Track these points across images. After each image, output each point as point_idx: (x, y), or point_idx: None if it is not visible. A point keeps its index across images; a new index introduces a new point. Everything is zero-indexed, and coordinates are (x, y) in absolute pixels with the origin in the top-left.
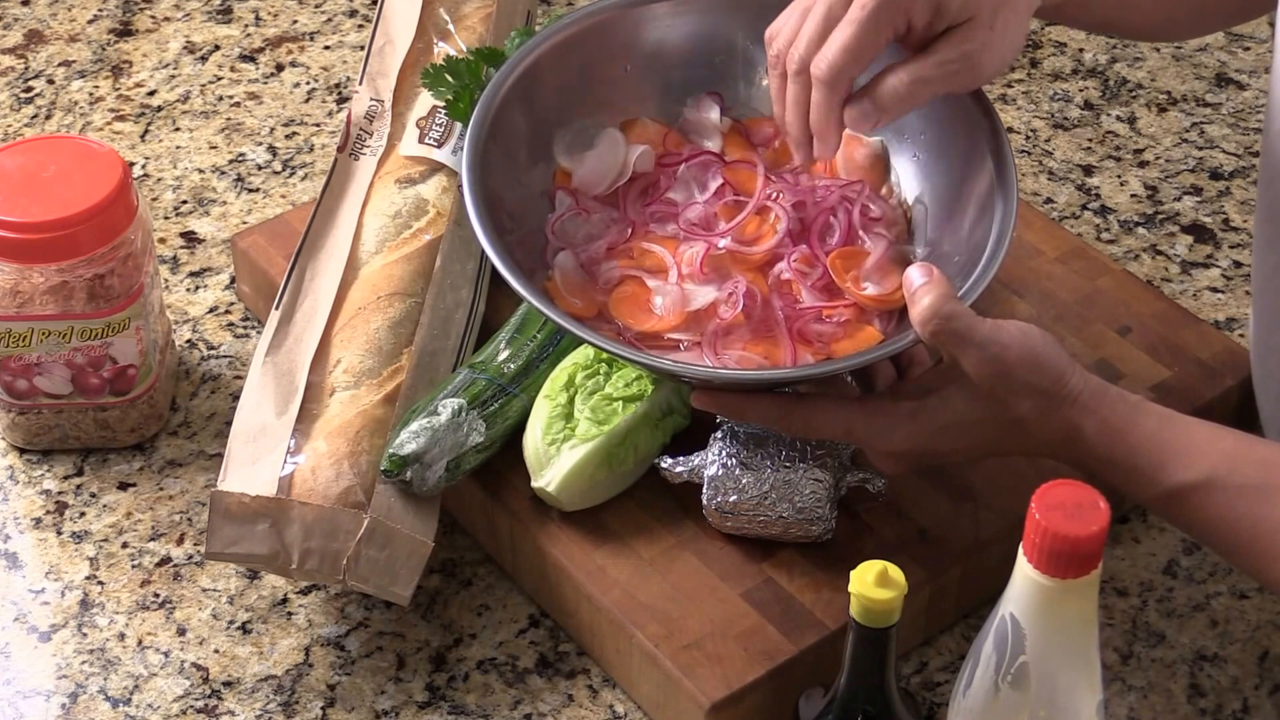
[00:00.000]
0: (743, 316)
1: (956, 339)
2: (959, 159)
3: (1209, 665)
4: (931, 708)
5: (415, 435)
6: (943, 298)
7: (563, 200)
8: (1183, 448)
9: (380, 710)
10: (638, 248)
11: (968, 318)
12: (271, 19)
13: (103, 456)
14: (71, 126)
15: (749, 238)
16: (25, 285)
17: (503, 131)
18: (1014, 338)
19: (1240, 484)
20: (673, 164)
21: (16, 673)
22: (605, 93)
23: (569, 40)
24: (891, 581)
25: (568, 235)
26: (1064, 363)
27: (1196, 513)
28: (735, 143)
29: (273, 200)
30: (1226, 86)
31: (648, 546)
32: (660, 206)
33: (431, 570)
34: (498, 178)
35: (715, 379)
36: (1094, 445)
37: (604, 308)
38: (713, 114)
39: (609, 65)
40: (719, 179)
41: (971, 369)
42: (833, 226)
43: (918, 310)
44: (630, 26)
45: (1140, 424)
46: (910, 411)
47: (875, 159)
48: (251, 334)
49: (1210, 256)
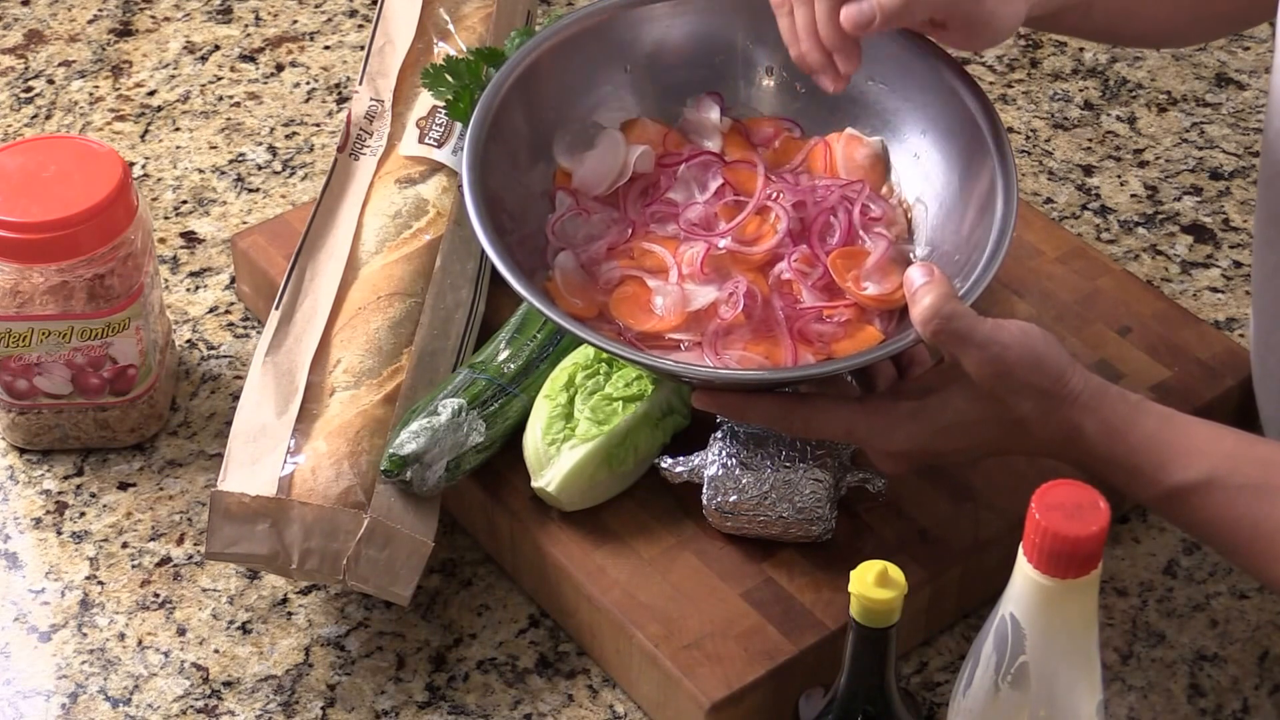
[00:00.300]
0: (743, 316)
1: (957, 339)
2: (959, 158)
3: (1209, 665)
4: (931, 708)
5: (415, 435)
6: (943, 297)
7: (563, 200)
8: (1183, 447)
9: (380, 710)
10: (638, 248)
11: (969, 317)
12: (271, 19)
13: (103, 456)
14: (71, 126)
15: (749, 238)
16: (25, 285)
17: (503, 132)
18: (1014, 337)
19: (1240, 484)
20: (673, 164)
21: (16, 673)
22: (605, 93)
23: (569, 40)
24: (891, 581)
25: (568, 235)
26: (1064, 362)
27: (1197, 512)
28: (735, 143)
29: (273, 200)
30: (1226, 86)
31: (648, 546)
32: (660, 207)
33: (431, 570)
34: (498, 178)
35: (715, 379)
36: (1094, 445)
37: (604, 308)
38: (713, 114)
39: (609, 65)
40: (719, 179)
41: (972, 369)
42: (833, 226)
43: (918, 310)
44: (630, 27)
45: (1141, 423)
46: (911, 411)
47: (875, 159)
48: (251, 334)
49: (1210, 256)
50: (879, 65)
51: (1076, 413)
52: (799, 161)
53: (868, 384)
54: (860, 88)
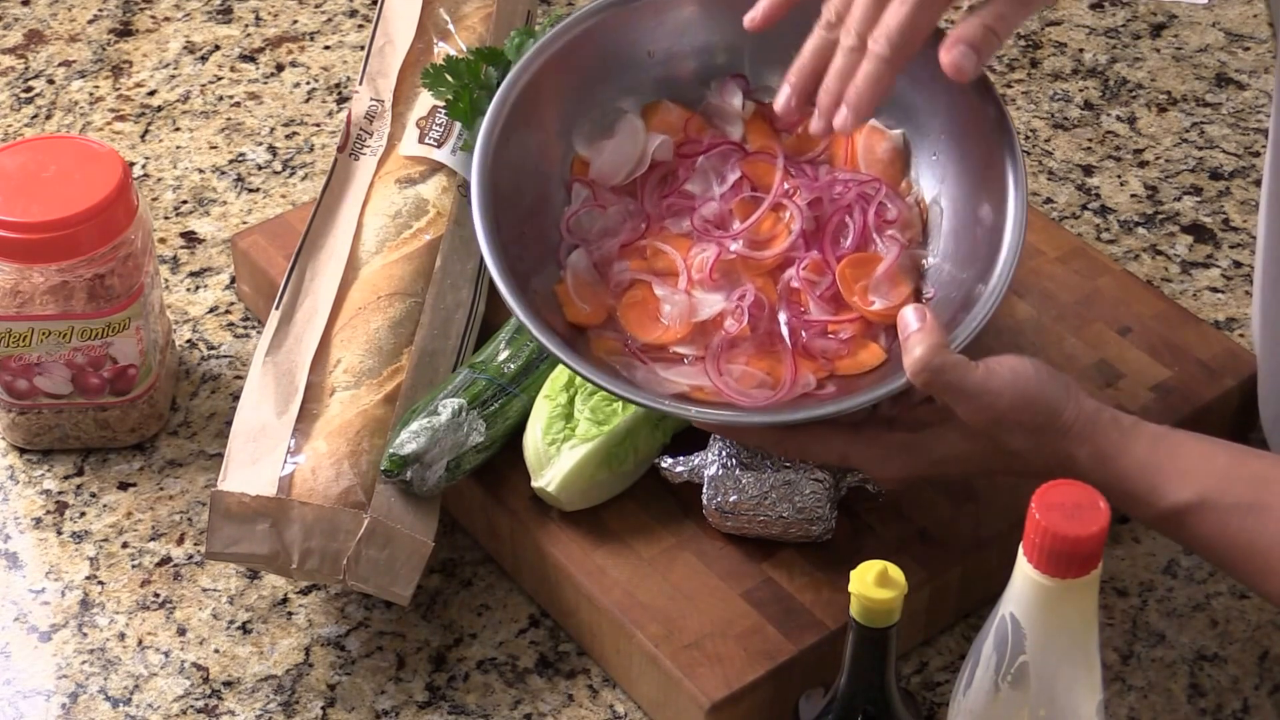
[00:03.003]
0: (748, 329)
1: (949, 389)
2: (974, 172)
3: (1209, 665)
4: (931, 708)
5: (415, 435)
6: (934, 349)
7: (579, 193)
8: (1174, 470)
9: (380, 710)
10: (651, 246)
11: (959, 369)
12: (271, 19)
13: (103, 456)
14: (71, 126)
15: (763, 238)
16: (25, 285)
17: (524, 119)
18: (1005, 383)
19: (1232, 503)
20: (692, 154)
21: (16, 673)
22: (628, 77)
23: (595, 28)
24: (891, 581)
25: (583, 230)
26: (1058, 398)
27: (1192, 532)
28: (757, 128)
29: (273, 200)
30: (1226, 86)
31: (648, 546)
32: (677, 199)
33: (431, 570)
34: (512, 172)
35: (706, 420)
36: (1088, 472)
37: (613, 313)
38: (735, 100)
39: (633, 50)
40: (737, 171)
41: (964, 416)
42: (847, 227)
43: (910, 360)
44: (654, 10)
45: (1131, 449)
46: (904, 444)
47: (895, 153)
48: (251, 334)
49: (1210, 256)
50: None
51: (1069, 444)
52: (821, 150)
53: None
54: None
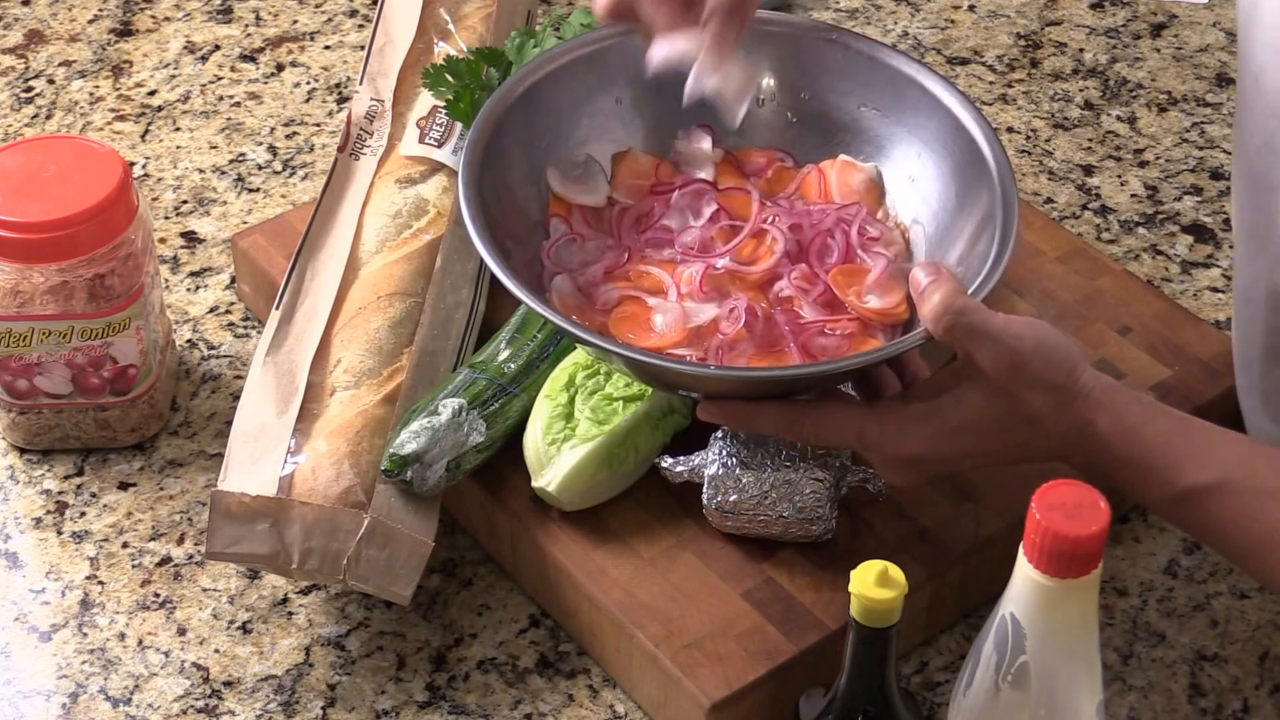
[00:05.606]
0: (745, 331)
1: (971, 333)
2: (956, 177)
3: (1209, 665)
4: (932, 708)
5: (415, 435)
6: (952, 293)
7: (557, 227)
8: (1198, 448)
9: (380, 710)
10: (635, 270)
11: (981, 311)
12: (272, 19)
13: (103, 456)
14: (72, 126)
15: (747, 259)
16: (25, 285)
17: (496, 160)
18: (1027, 328)
19: (1255, 487)
20: (666, 191)
21: (17, 673)
22: (596, 124)
23: (560, 71)
24: (891, 581)
25: (563, 261)
26: (1075, 356)
27: (1209, 515)
28: (728, 173)
29: (273, 200)
30: (1226, 86)
31: (648, 546)
32: (656, 233)
33: (432, 570)
34: (493, 205)
35: (727, 379)
36: (1107, 442)
37: (603, 328)
38: (704, 144)
39: (600, 96)
40: (713, 205)
41: (986, 363)
42: (830, 247)
43: (929, 307)
44: (621, 58)
45: (1155, 423)
46: (923, 413)
47: (870, 184)
48: (251, 334)
49: (1210, 256)
50: (871, 91)
51: (1089, 408)
52: (792, 190)
53: (874, 393)
54: (853, 114)
